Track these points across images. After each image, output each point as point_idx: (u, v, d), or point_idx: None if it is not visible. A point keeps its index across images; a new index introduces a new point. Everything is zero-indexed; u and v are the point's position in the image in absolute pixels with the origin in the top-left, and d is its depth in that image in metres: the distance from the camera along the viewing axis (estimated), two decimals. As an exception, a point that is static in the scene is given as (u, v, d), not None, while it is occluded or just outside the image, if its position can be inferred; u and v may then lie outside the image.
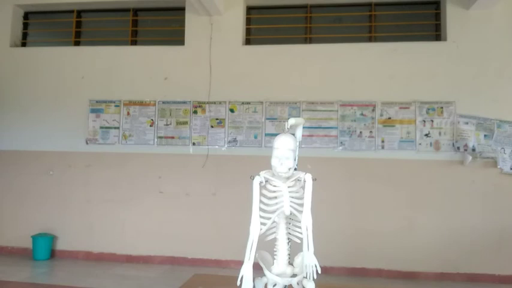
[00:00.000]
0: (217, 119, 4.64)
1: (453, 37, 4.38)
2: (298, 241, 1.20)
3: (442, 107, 4.33)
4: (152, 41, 5.08)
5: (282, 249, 1.22)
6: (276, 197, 1.19)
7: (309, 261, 1.12)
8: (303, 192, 1.18)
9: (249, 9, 4.93)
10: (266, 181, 1.20)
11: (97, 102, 4.83)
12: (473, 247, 4.15)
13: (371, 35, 4.68)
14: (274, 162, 1.18)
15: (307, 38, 4.79)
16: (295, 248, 1.24)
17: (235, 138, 4.59)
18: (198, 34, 4.72)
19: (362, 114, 4.43)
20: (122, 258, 4.57)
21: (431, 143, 4.32)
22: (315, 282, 1.12)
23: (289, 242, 1.23)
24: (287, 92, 4.54)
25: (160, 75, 4.76)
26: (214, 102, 4.65)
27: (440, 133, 4.32)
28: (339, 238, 4.24)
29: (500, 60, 4.31)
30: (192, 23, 4.76)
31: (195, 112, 4.68)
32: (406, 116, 4.38)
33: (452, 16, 4.39)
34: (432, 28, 4.66)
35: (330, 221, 4.16)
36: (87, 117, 4.82)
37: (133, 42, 5.10)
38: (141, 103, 4.76)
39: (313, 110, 4.50)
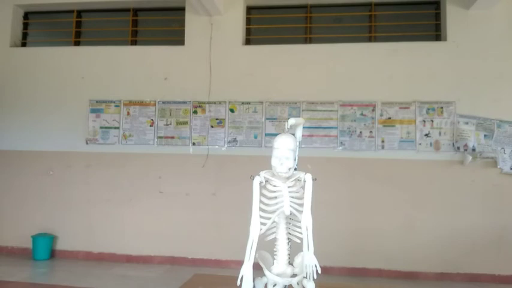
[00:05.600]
0: (217, 119, 4.64)
1: (453, 37, 4.38)
2: (298, 241, 1.20)
3: (442, 107, 4.33)
4: (152, 41, 5.08)
5: (282, 249, 1.22)
6: (276, 197, 1.19)
7: (309, 261, 1.12)
8: (303, 192, 1.18)
9: (249, 9, 4.93)
10: (266, 181, 1.20)
11: (97, 102, 4.83)
12: (473, 247, 4.15)
13: (371, 35, 4.68)
14: (274, 162, 1.18)
15: (307, 38, 4.79)
16: (295, 248, 1.24)
17: (235, 138, 4.59)
18: (198, 34, 4.72)
19: (362, 114, 4.43)
20: (122, 258, 4.57)
21: (431, 143, 4.32)
22: (315, 282, 1.12)
23: (289, 242, 1.23)
24: (287, 92, 4.54)
25: (160, 75, 4.76)
26: (214, 102, 4.65)
27: (440, 133, 4.32)
28: (339, 238, 4.24)
29: (500, 60, 4.31)
30: (192, 23, 4.76)
31: (195, 112, 4.68)
32: (406, 116, 4.38)
33: (452, 16, 4.40)
34: (432, 28, 4.66)
35: (330, 221, 4.17)
36: (87, 117, 4.82)
37: (134, 42, 5.10)
38: (141, 103, 4.76)
39: (313, 110, 4.50)
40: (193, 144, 4.65)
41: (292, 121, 1.25)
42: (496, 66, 4.30)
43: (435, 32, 4.62)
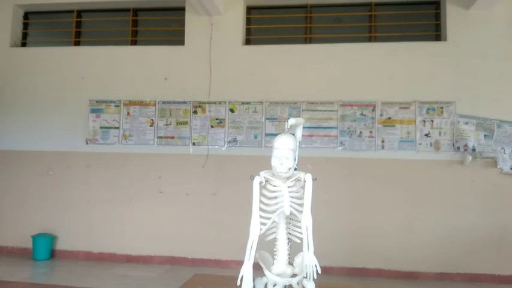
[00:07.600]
0: (217, 119, 4.64)
1: (453, 37, 4.38)
2: (298, 241, 1.20)
3: (442, 107, 4.33)
4: (152, 41, 5.08)
5: (282, 249, 1.22)
6: (276, 197, 1.19)
7: (309, 261, 1.12)
8: (303, 192, 1.18)
9: (249, 9, 4.93)
10: (266, 181, 1.20)
11: (97, 102, 4.83)
12: (473, 247, 4.15)
13: (371, 35, 4.68)
14: (274, 162, 1.18)
15: (307, 38, 4.79)
16: (295, 248, 1.24)
17: (235, 138, 4.59)
18: (198, 34, 4.72)
19: (362, 114, 4.43)
20: (122, 258, 4.57)
21: (431, 143, 4.32)
22: (315, 282, 1.12)
23: (289, 242, 1.23)
24: (287, 92, 4.54)
25: (160, 75, 4.76)
26: (214, 102, 4.65)
27: (440, 133, 4.32)
28: (339, 238, 4.24)
29: (500, 60, 4.31)
30: (192, 23, 4.76)
31: (195, 112, 4.68)
32: (406, 116, 4.38)
33: (452, 16, 4.40)
34: (432, 28, 4.66)
35: (330, 221, 4.17)
36: (87, 117, 4.82)
37: (134, 42, 5.10)
38: (141, 103, 4.76)
39: (313, 110, 4.50)
40: (193, 144, 4.65)
41: (292, 121, 1.25)
42: (496, 66, 4.30)
43: (435, 32, 4.62)
